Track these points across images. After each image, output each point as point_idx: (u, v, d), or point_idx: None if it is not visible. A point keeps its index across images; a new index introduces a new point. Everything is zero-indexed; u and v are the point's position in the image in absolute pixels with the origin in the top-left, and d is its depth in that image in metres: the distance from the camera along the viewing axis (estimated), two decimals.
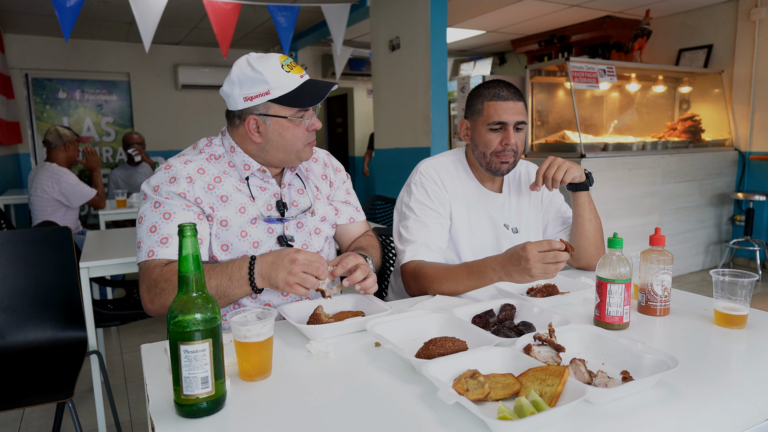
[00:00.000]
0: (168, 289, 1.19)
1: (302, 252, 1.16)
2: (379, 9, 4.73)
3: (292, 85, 1.29)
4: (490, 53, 7.73)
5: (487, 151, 1.57)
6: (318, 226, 1.47)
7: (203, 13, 5.08)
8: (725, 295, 1.18)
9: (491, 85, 1.58)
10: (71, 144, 3.68)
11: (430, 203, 1.59)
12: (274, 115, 1.31)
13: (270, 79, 1.27)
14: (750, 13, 4.73)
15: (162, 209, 1.26)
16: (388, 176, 4.85)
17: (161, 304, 1.20)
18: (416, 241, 1.56)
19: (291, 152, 1.36)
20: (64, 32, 3.64)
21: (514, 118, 1.54)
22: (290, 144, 1.34)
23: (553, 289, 1.37)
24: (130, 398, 2.56)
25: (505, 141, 1.55)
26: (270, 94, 1.28)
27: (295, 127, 1.33)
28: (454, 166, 1.67)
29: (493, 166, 1.58)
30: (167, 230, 1.25)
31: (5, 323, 1.88)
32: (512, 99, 1.55)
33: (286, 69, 1.29)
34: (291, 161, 1.39)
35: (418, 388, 0.90)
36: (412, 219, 1.59)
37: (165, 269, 1.22)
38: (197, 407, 0.81)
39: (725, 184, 4.91)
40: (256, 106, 1.30)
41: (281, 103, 1.29)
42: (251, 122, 1.32)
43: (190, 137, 6.62)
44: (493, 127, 1.55)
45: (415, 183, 1.63)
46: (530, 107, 4.48)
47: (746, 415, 0.80)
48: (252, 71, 1.28)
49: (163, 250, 1.23)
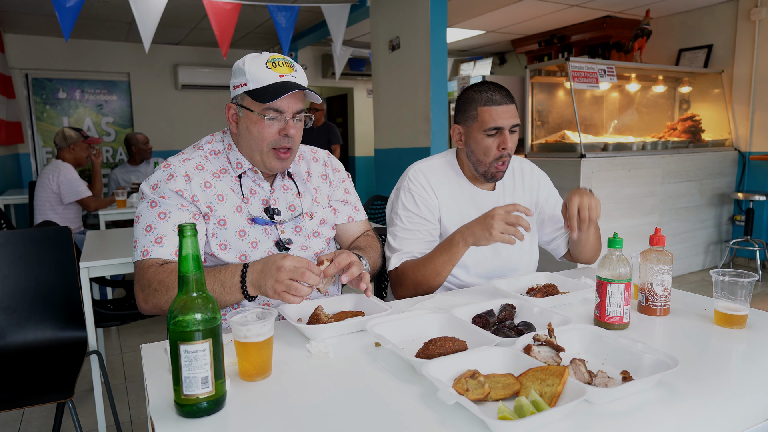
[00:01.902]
0: (161, 290, 1.18)
1: (289, 258, 1.11)
2: (379, 9, 4.73)
3: (266, 80, 1.28)
4: (490, 53, 7.73)
5: (486, 158, 1.57)
6: (316, 229, 1.46)
7: (203, 13, 5.08)
8: (725, 295, 1.18)
9: (483, 89, 1.57)
10: (77, 146, 3.74)
11: (417, 210, 1.61)
12: (246, 107, 1.32)
13: (249, 71, 1.29)
14: (750, 13, 4.73)
15: (158, 209, 1.27)
16: (389, 176, 4.84)
17: (154, 304, 1.20)
18: (401, 249, 1.59)
19: (255, 151, 1.33)
20: (64, 32, 3.64)
21: (509, 122, 1.54)
22: (255, 141, 1.32)
23: (553, 289, 1.37)
24: (130, 398, 2.56)
25: (503, 145, 1.54)
26: (246, 86, 1.30)
27: (261, 125, 1.30)
28: (443, 167, 1.68)
29: (489, 174, 1.59)
30: (162, 230, 1.25)
31: (5, 323, 1.88)
32: (505, 103, 1.55)
33: (268, 66, 1.30)
34: (257, 162, 1.36)
35: (418, 388, 0.90)
36: (399, 227, 1.61)
37: (159, 269, 1.21)
38: (197, 407, 0.81)
39: (725, 184, 4.91)
40: (236, 96, 1.34)
41: (252, 97, 1.29)
42: (230, 110, 1.36)
43: (190, 137, 6.61)
44: (489, 132, 1.55)
45: (403, 189, 1.64)
46: (530, 107, 4.47)
47: (746, 415, 0.80)
48: (242, 64, 1.32)
49: (157, 250, 1.24)
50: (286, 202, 1.43)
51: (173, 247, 1.24)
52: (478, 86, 1.59)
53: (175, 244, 1.25)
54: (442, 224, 1.63)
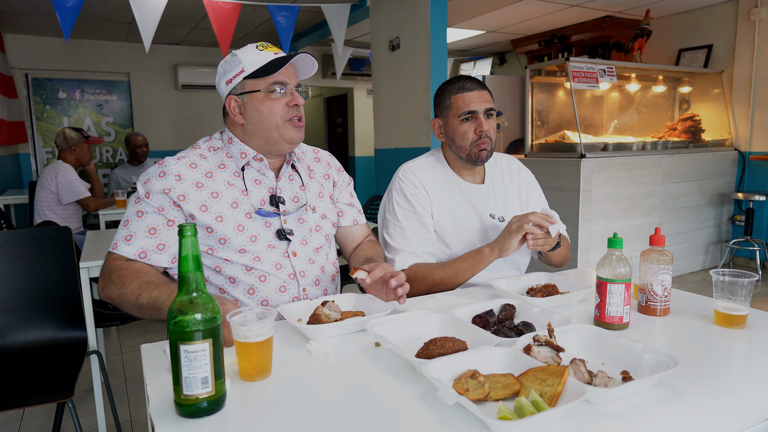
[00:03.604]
0: (116, 283, 1.21)
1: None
2: (379, 9, 4.73)
3: (263, 60, 1.33)
4: (490, 53, 7.73)
5: (465, 142, 1.61)
6: (319, 223, 1.47)
7: (203, 13, 5.08)
8: (725, 295, 1.18)
9: (454, 80, 1.64)
10: (78, 146, 3.74)
11: (411, 208, 1.63)
12: (249, 91, 1.34)
13: (243, 58, 1.33)
14: (750, 13, 4.73)
15: (139, 206, 1.30)
16: (389, 176, 4.81)
17: (108, 294, 1.23)
18: (404, 249, 1.60)
19: (271, 129, 1.35)
20: (64, 32, 3.64)
21: (482, 106, 1.59)
22: (268, 119, 1.34)
23: (553, 289, 1.37)
24: (130, 398, 2.56)
25: (479, 128, 1.59)
26: (244, 72, 1.33)
27: (270, 101, 1.34)
28: (432, 165, 1.70)
29: (473, 156, 1.62)
30: (134, 228, 1.28)
31: (5, 323, 1.87)
32: (477, 89, 1.60)
33: (260, 48, 1.35)
34: (274, 141, 1.37)
35: (418, 388, 0.90)
36: (396, 227, 1.63)
37: (124, 264, 1.25)
38: (197, 407, 0.81)
39: (725, 184, 4.91)
40: (234, 87, 1.35)
41: (254, 78, 1.33)
42: (232, 103, 1.36)
43: (190, 137, 6.62)
44: (464, 117, 1.59)
45: (396, 189, 1.66)
46: (530, 107, 4.47)
47: (746, 415, 0.80)
48: (231, 57, 1.35)
49: (124, 247, 1.27)
50: (291, 193, 1.44)
51: (139, 248, 1.27)
52: (451, 80, 1.66)
53: (141, 246, 1.27)
54: (435, 220, 1.64)
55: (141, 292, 1.18)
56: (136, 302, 1.18)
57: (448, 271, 1.54)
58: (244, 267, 1.33)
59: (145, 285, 1.19)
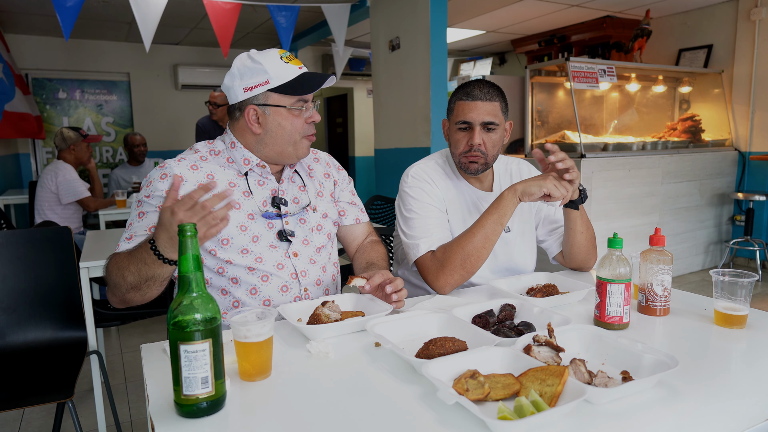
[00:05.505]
0: (113, 271, 1.17)
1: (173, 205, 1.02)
2: (379, 9, 4.73)
3: (290, 75, 1.32)
4: (490, 53, 7.73)
5: (456, 150, 1.57)
6: (320, 222, 1.47)
7: (203, 13, 5.08)
8: (725, 295, 1.18)
9: (467, 84, 1.57)
10: (77, 146, 3.75)
11: (430, 200, 1.58)
12: (274, 105, 1.33)
13: (269, 68, 1.30)
14: (750, 13, 4.73)
15: (140, 208, 1.30)
16: (388, 176, 4.84)
17: (112, 297, 1.21)
18: (423, 236, 1.52)
19: (288, 144, 1.36)
20: (64, 32, 3.64)
21: (480, 118, 1.51)
22: (288, 134, 1.35)
23: (553, 289, 1.37)
24: (130, 398, 2.56)
25: (470, 141, 1.52)
26: (269, 84, 1.30)
27: (293, 117, 1.34)
28: (439, 168, 1.66)
29: (462, 165, 1.58)
30: (136, 228, 1.28)
31: (5, 323, 1.87)
32: (482, 99, 1.51)
33: (285, 60, 1.33)
34: (287, 155, 1.38)
35: (418, 388, 0.90)
36: (415, 219, 1.56)
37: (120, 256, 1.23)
38: (197, 407, 0.81)
39: (725, 184, 4.91)
40: (255, 96, 1.33)
41: (280, 92, 1.32)
42: (251, 112, 1.34)
43: (190, 137, 6.61)
44: (460, 126, 1.54)
45: (409, 186, 1.61)
46: (530, 107, 4.47)
47: (746, 415, 0.80)
48: (252, 62, 1.31)
49: (124, 245, 1.27)
50: (292, 195, 1.45)
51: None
52: (465, 83, 1.59)
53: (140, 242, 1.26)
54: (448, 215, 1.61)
55: (123, 272, 1.12)
56: (126, 281, 1.12)
57: (478, 235, 1.43)
58: (246, 267, 1.34)
59: (124, 262, 1.13)
